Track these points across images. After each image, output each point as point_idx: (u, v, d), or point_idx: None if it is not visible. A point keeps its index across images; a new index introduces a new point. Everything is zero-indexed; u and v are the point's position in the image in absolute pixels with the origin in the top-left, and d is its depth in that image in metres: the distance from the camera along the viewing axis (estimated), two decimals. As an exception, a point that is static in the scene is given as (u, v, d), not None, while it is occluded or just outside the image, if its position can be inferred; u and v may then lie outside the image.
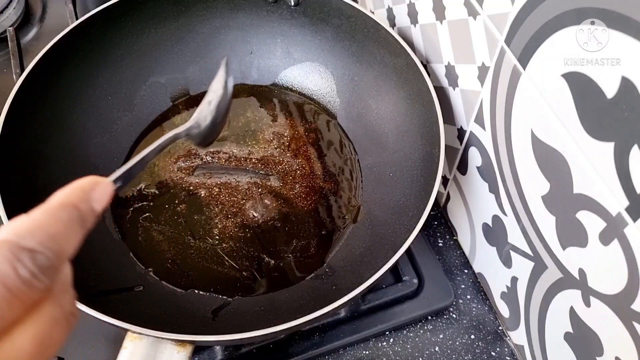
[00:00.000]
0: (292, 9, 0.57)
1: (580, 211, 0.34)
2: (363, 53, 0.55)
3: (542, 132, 0.36)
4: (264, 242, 0.51)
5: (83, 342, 0.48)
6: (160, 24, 0.57)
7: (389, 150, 0.53)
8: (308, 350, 0.48)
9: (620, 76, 0.28)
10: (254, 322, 0.45)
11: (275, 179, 0.54)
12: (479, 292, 0.53)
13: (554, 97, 0.34)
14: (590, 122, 0.31)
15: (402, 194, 0.49)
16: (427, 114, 0.48)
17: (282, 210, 0.52)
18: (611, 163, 0.30)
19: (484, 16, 0.39)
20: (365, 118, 0.56)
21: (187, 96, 0.60)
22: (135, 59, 0.57)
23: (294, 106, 0.60)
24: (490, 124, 0.43)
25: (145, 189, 0.53)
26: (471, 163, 0.48)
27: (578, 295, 0.37)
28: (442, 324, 0.51)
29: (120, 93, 0.56)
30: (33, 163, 0.48)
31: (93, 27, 0.53)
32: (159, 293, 0.47)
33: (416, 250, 0.52)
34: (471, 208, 0.51)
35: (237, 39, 0.60)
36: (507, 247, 0.46)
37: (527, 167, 0.39)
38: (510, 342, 0.50)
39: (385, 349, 0.50)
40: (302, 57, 0.59)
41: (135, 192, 0.53)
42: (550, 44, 0.33)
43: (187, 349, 0.39)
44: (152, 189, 0.53)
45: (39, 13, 0.72)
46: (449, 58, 0.47)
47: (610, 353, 0.35)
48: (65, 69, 0.51)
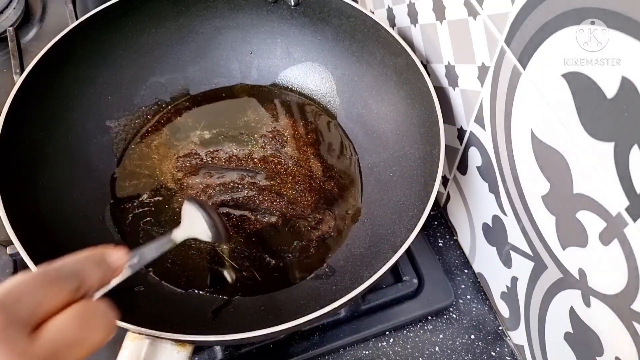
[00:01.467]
0: (292, 9, 0.57)
1: (580, 211, 0.34)
2: (363, 53, 0.55)
3: (542, 132, 0.36)
4: (264, 242, 0.51)
5: (83, 342, 0.48)
6: (160, 24, 0.57)
7: (389, 150, 0.53)
8: (308, 350, 0.48)
9: (620, 76, 0.28)
10: (254, 322, 0.45)
11: (275, 179, 0.54)
12: (479, 292, 0.53)
13: (554, 97, 0.34)
14: (590, 122, 0.31)
15: (402, 194, 0.49)
16: (427, 114, 0.48)
17: (283, 210, 0.52)
18: (611, 163, 0.30)
19: (484, 16, 0.39)
20: (365, 118, 0.56)
21: (187, 96, 0.60)
22: (135, 59, 0.57)
23: (294, 106, 0.60)
24: (490, 124, 0.43)
25: (145, 190, 0.53)
26: (471, 163, 0.48)
27: (578, 295, 0.37)
28: (442, 324, 0.51)
29: (120, 93, 0.56)
30: (33, 163, 0.48)
31: (93, 27, 0.53)
32: (159, 293, 0.47)
33: (416, 250, 0.52)
34: (471, 208, 0.51)
35: (237, 39, 0.60)
36: (507, 247, 0.46)
37: (527, 167, 0.39)
38: (510, 342, 0.50)
39: (385, 349, 0.50)
40: (302, 57, 0.59)
41: (135, 192, 0.53)
42: (550, 44, 0.33)
43: (187, 349, 0.39)
44: (152, 189, 0.53)
45: (39, 13, 0.72)
46: (449, 58, 0.47)
47: (610, 353, 0.35)
48: (65, 69, 0.51)
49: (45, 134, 0.49)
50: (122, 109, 0.56)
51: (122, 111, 0.56)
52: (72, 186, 0.50)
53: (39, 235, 0.44)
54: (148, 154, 0.56)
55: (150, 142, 0.56)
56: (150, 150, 0.56)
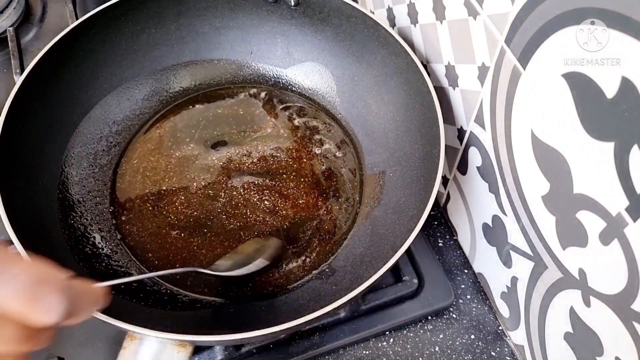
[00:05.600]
0: (292, 9, 0.57)
1: (580, 211, 0.34)
2: (363, 53, 0.55)
3: (542, 132, 0.36)
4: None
5: (83, 342, 0.49)
6: (160, 24, 0.57)
7: (389, 150, 0.53)
8: (308, 350, 0.48)
9: (620, 76, 0.28)
10: (254, 322, 0.45)
11: (276, 179, 0.54)
12: (479, 292, 0.53)
13: (554, 97, 0.34)
14: (590, 122, 0.31)
15: (402, 194, 0.49)
16: (427, 114, 0.48)
17: (282, 210, 0.52)
18: (611, 163, 0.30)
19: (484, 16, 0.39)
20: (365, 118, 0.56)
21: (187, 96, 0.60)
22: (135, 59, 0.57)
23: (294, 106, 0.60)
24: (490, 124, 0.43)
25: (144, 190, 0.53)
26: (471, 163, 0.48)
27: (578, 295, 0.37)
28: (442, 324, 0.51)
29: (120, 93, 0.56)
30: (33, 163, 0.48)
31: (93, 27, 0.53)
32: (159, 293, 0.47)
33: (416, 250, 0.52)
34: (471, 208, 0.51)
35: (237, 39, 0.60)
36: (507, 247, 0.46)
37: (527, 167, 0.39)
38: (510, 342, 0.50)
39: (385, 349, 0.50)
40: (302, 57, 0.59)
41: (135, 192, 0.53)
42: (550, 44, 0.33)
43: (187, 349, 0.39)
44: (152, 190, 0.53)
45: (39, 13, 0.72)
46: (449, 58, 0.47)
47: (610, 353, 0.35)
48: (65, 69, 0.51)
49: (45, 134, 0.49)
50: (122, 108, 0.56)
51: (122, 111, 0.56)
52: (72, 186, 0.50)
53: (39, 235, 0.44)
54: (148, 154, 0.56)
55: (150, 142, 0.56)
56: (150, 150, 0.56)
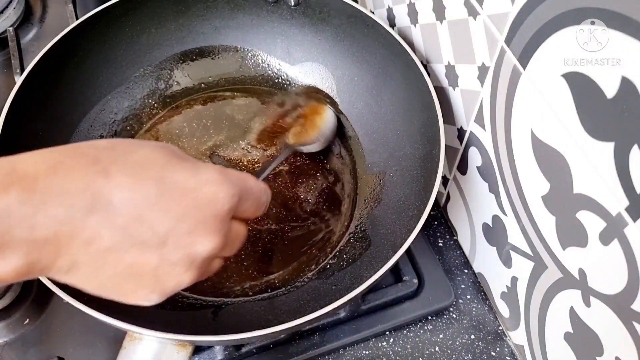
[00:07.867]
0: (292, 9, 0.57)
1: (580, 211, 0.34)
2: (363, 53, 0.55)
3: (542, 132, 0.36)
4: (264, 242, 0.51)
5: (83, 342, 0.49)
6: (160, 24, 0.57)
7: (389, 150, 0.53)
8: (308, 350, 0.48)
9: (620, 76, 0.28)
10: (254, 322, 0.45)
11: (275, 179, 0.54)
12: (479, 292, 0.53)
13: (554, 97, 0.34)
14: (590, 122, 0.31)
15: (402, 194, 0.49)
16: (427, 114, 0.48)
17: (283, 210, 0.52)
18: (611, 163, 0.30)
19: (484, 16, 0.39)
20: (365, 118, 0.56)
21: (187, 96, 0.60)
22: (135, 59, 0.57)
23: (294, 107, 0.60)
24: (490, 124, 0.43)
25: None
26: (471, 163, 0.48)
27: (578, 295, 0.37)
28: (442, 324, 0.51)
29: (120, 93, 0.56)
30: (33, 163, 0.47)
31: (93, 27, 0.53)
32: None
33: (416, 250, 0.52)
34: (471, 208, 0.51)
35: (237, 39, 0.60)
36: (507, 247, 0.46)
37: (527, 167, 0.39)
38: (510, 342, 0.50)
39: (385, 349, 0.50)
40: (302, 57, 0.59)
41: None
42: (550, 44, 0.33)
43: (187, 349, 0.39)
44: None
45: (39, 13, 0.72)
46: (449, 58, 0.47)
47: (610, 353, 0.35)
48: (65, 69, 0.51)
49: (45, 134, 0.49)
50: (122, 108, 0.56)
51: (122, 111, 0.56)
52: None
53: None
54: (148, 154, 0.55)
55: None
56: (150, 150, 0.56)
